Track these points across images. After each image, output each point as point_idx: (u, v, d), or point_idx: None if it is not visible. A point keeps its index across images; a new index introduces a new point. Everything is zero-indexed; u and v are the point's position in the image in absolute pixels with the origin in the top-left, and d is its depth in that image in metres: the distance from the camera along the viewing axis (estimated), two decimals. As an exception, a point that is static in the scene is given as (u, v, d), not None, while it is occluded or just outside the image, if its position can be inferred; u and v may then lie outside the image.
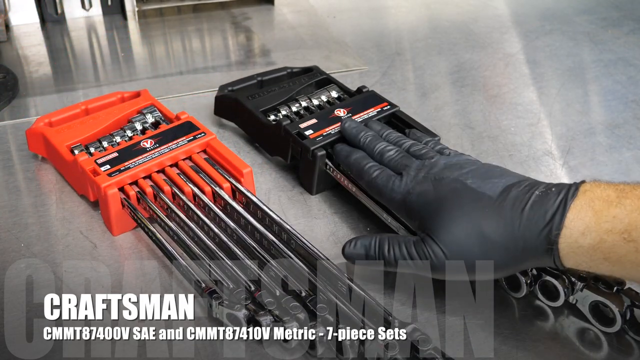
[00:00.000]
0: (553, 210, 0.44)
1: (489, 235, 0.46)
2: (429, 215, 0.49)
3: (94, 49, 1.00)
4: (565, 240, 0.44)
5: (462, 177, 0.50)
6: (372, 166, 0.57)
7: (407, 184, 0.53)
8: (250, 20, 1.08)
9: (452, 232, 0.47)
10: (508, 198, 0.46)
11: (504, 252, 0.46)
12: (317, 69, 0.79)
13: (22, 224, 0.61)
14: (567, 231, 0.43)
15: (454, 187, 0.49)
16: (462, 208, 0.48)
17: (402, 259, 0.49)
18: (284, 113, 0.70)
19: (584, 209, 0.43)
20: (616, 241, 0.42)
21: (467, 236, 0.46)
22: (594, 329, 0.50)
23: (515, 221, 0.45)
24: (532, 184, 0.47)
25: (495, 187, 0.48)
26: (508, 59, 0.96)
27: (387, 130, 0.62)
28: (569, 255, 0.44)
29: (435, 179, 0.51)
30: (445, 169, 0.52)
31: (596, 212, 0.43)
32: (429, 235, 0.48)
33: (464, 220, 0.47)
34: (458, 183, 0.49)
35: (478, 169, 0.51)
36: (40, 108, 0.81)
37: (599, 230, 0.43)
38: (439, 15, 1.12)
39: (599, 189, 0.44)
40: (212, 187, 0.60)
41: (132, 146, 0.62)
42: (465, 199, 0.48)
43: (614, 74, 0.92)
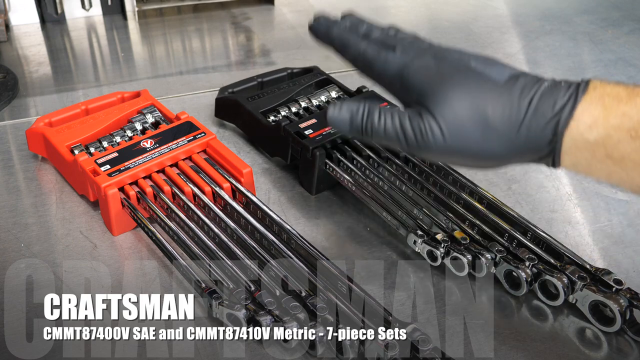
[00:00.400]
0: (563, 102, 0.42)
1: (493, 120, 0.43)
2: (430, 90, 0.45)
3: (94, 49, 1.00)
4: (571, 133, 0.42)
5: (465, 59, 0.46)
6: (361, 41, 0.50)
7: (403, 56, 0.47)
8: (250, 20, 1.08)
9: (455, 111, 0.44)
10: (516, 85, 0.44)
11: (505, 140, 0.43)
12: (317, 70, 0.79)
13: (22, 224, 0.61)
14: (575, 123, 0.42)
15: (457, 66, 0.46)
16: (467, 87, 0.44)
17: (392, 131, 0.45)
18: (284, 114, 0.70)
19: (594, 104, 0.42)
20: (622, 137, 0.41)
21: (469, 118, 0.43)
22: (593, 329, 0.50)
23: (522, 109, 0.43)
24: (539, 77, 0.45)
25: (502, 73, 0.45)
26: (508, 59, 0.96)
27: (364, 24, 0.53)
28: (571, 151, 0.42)
29: (436, 55, 0.47)
30: (445, 50, 0.48)
31: (606, 108, 0.41)
32: (428, 110, 0.44)
33: (468, 100, 0.44)
34: (461, 64, 0.46)
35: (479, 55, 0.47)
36: (40, 108, 0.81)
37: (607, 125, 0.41)
38: (439, 15, 1.12)
39: (609, 87, 0.43)
40: (212, 187, 0.60)
41: (132, 146, 0.62)
42: (471, 79, 0.44)
43: (614, 74, 0.92)
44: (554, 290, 0.51)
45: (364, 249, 0.58)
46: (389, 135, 0.45)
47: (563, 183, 0.68)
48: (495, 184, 0.67)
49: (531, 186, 0.67)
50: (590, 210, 0.63)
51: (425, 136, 0.44)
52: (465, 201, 0.58)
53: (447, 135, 0.43)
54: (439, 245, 0.54)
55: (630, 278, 0.54)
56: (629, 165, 0.41)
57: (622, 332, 0.50)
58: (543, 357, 0.48)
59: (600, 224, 0.62)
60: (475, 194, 0.59)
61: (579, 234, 0.60)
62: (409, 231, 0.56)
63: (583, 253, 0.57)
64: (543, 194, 0.66)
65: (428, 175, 0.62)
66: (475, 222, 0.56)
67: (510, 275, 0.53)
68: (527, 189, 0.67)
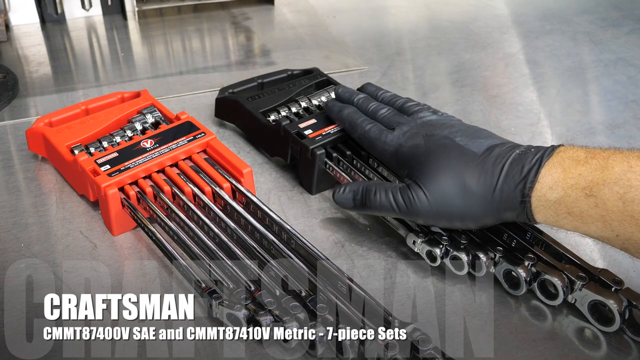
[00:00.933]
0: (529, 166, 0.48)
1: (470, 186, 0.50)
2: (418, 166, 0.53)
3: (94, 49, 1.00)
4: (536, 194, 0.48)
5: (452, 135, 0.54)
6: (365, 120, 0.61)
7: (399, 137, 0.57)
8: (250, 20, 1.08)
9: (438, 181, 0.51)
10: (491, 155, 0.51)
11: (482, 203, 0.50)
12: (317, 71, 0.79)
13: (22, 224, 0.61)
14: (539, 185, 0.48)
15: (443, 142, 0.54)
16: (448, 161, 0.52)
17: (387, 203, 0.53)
18: (284, 114, 0.71)
19: (555, 167, 0.48)
20: (578, 196, 0.46)
21: (450, 186, 0.51)
22: (592, 329, 0.50)
23: (495, 175, 0.50)
24: (515, 145, 0.52)
25: (481, 146, 0.52)
26: (508, 59, 0.96)
27: (381, 91, 0.66)
28: (539, 209, 0.48)
29: (427, 134, 0.55)
30: (437, 127, 0.56)
31: (565, 170, 0.47)
32: (416, 182, 0.52)
33: (449, 171, 0.51)
34: (447, 140, 0.54)
35: (467, 129, 0.55)
36: (40, 108, 0.81)
37: (564, 186, 0.47)
38: (439, 15, 1.12)
39: (571, 150, 0.48)
40: (212, 187, 0.60)
41: (132, 146, 0.62)
42: (453, 154, 0.52)
43: (614, 74, 0.92)
44: (553, 290, 0.51)
45: (364, 249, 0.58)
46: (384, 207, 0.54)
47: (563, 183, 0.68)
48: (495, 184, 0.67)
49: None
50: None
51: (415, 205, 0.52)
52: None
53: (432, 203, 0.51)
54: (438, 245, 0.54)
55: (630, 278, 0.54)
56: (588, 220, 0.47)
57: (621, 331, 0.50)
58: (543, 357, 0.48)
59: (600, 224, 0.61)
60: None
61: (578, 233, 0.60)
62: (408, 231, 0.56)
63: (583, 253, 0.57)
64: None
65: (428, 175, 0.62)
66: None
67: (510, 274, 0.53)
68: (527, 189, 0.67)
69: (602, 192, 0.45)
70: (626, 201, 0.44)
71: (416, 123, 0.58)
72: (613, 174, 0.45)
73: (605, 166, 0.46)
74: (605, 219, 0.46)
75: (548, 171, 0.48)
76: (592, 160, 0.47)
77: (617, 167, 0.45)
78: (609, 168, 0.46)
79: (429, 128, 0.56)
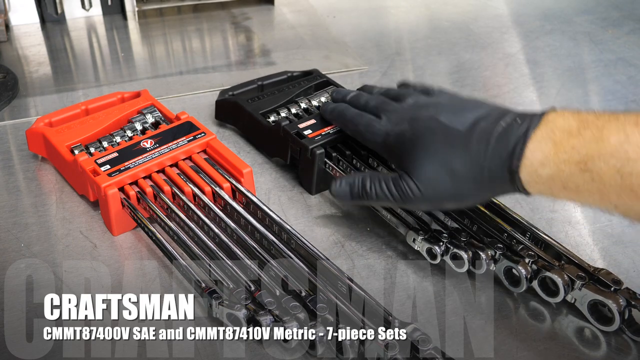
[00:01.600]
0: (515, 141, 0.46)
1: (458, 169, 0.49)
2: (406, 154, 0.52)
3: (94, 49, 1.00)
4: (526, 170, 0.45)
5: (436, 114, 0.52)
6: (356, 114, 0.60)
7: (386, 125, 0.56)
8: (250, 20, 1.08)
9: (425, 170, 0.50)
10: (475, 132, 0.49)
11: (472, 184, 0.48)
12: (316, 72, 0.79)
13: (22, 224, 0.61)
14: (528, 161, 0.45)
15: (428, 125, 0.52)
16: (434, 145, 0.50)
17: (382, 194, 0.53)
18: (284, 115, 0.71)
19: (545, 140, 0.45)
20: (573, 171, 0.43)
21: (438, 172, 0.50)
22: (592, 328, 0.50)
23: (481, 154, 0.47)
24: (501, 115, 0.49)
25: (466, 120, 0.50)
26: (508, 59, 0.96)
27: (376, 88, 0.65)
28: (531, 184, 0.46)
29: (412, 118, 0.54)
30: (422, 108, 0.55)
31: (555, 143, 0.44)
32: (406, 172, 0.52)
33: (435, 158, 0.50)
34: (432, 121, 0.52)
35: (453, 102, 0.54)
36: (40, 108, 0.81)
37: (557, 161, 0.44)
38: (439, 15, 1.12)
39: (561, 119, 0.45)
40: (212, 187, 0.60)
41: (132, 146, 0.62)
42: (437, 136, 0.51)
43: (614, 74, 0.92)
44: (554, 287, 0.51)
45: (363, 249, 0.58)
46: (380, 198, 0.53)
47: (563, 183, 0.68)
48: (495, 184, 0.67)
49: (531, 186, 0.67)
50: (590, 210, 0.63)
51: (407, 194, 0.51)
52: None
53: (423, 191, 0.50)
54: (439, 242, 0.54)
55: (630, 278, 0.54)
56: (585, 194, 0.44)
57: (621, 331, 0.50)
58: (543, 356, 0.48)
59: (600, 223, 0.62)
60: (475, 194, 0.59)
61: (579, 234, 0.60)
62: (408, 229, 0.56)
63: (583, 253, 0.57)
64: (543, 194, 0.66)
65: (428, 175, 0.62)
66: (475, 222, 0.56)
67: (510, 272, 0.53)
68: (527, 189, 0.67)
69: (598, 166, 0.42)
70: (624, 174, 0.41)
71: (403, 108, 0.56)
72: (609, 146, 0.42)
73: (600, 137, 0.43)
74: (603, 192, 0.43)
75: (537, 145, 0.45)
76: (585, 131, 0.43)
77: (613, 138, 0.42)
78: (604, 139, 0.42)
79: (415, 111, 0.55)
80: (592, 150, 0.43)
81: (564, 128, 0.44)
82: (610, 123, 0.43)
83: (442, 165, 0.49)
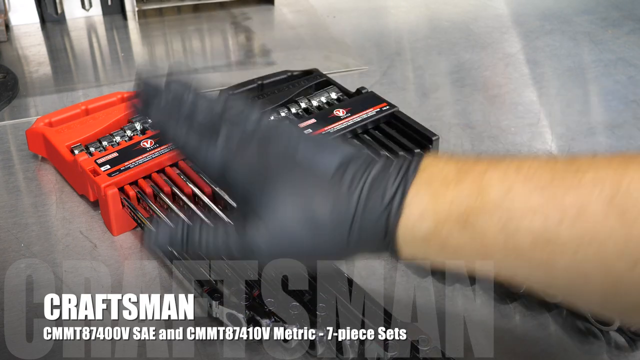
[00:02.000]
0: (392, 191, 0.38)
1: (322, 220, 0.39)
2: (253, 191, 0.41)
3: (94, 49, 1.00)
4: (404, 226, 0.38)
5: (292, 148, 0.41)
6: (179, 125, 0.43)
7: (226, 150, 0.42)
8: (250, 20, 1.08)
9: (280, 214, 0.40)
10: (345, 176, 0.40)
11: (338, 239, 0.39)
12: (317, 72, 0.79)
13: (22, 224, 0.61)
14: (405, 216, 0.38)
15: (283, 160, 0.41)
16: (292, 186, 0.40)
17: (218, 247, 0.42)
18: (283, 114, 0.71)
19: (422, 191, 0.38)
20: (453, 228, 0.37)
21: (296, 220, 0.40)
22: (592, 328, 0.50)
23: (352, 204, 0.39)
24: (369, 158, 0.41)
25: (330, 162, 0.41)
26: (508, 59, 0.96)
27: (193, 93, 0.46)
28: (405, 244, 0.38)
29: (261, 146, 0.42)
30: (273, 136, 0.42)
31: (433, 195, 0.37)
32: (254, 213, 0.41)
33: (294, 200, 0.40)
34: (287, 155, 0.41)
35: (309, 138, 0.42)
36: (40, 108, 0.81)
37: (436, 216, 0.37)
38: (439, 15, 1.12)
39: (440, 165, 0.39)
40: (212, 187, 0.60)
41: (132, 146, 0.62)
42: (296, 174, 0.41)
43: (614, 74, 0.92)
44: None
45: (363, 249, 0.58)
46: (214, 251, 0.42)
47: (563, 183, 0.68)
48: (495, 184, 0.67)
49: (531, 186, 0.67)
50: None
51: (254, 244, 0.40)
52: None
53: (275, 241, 0.40)
54: None
55: (630, 278, 0.54)
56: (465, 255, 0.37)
57: (621, 331, 0.50)
58: (543, 356, 0.48)
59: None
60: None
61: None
62: None
63: (583, 253, 0.57)
64: (543, 194, 0.66)
65: (428, 175, 0.62)
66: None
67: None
68: (527, 189, 0.67)
69: (480, 222, 0.36)
70: (508, 233, 0.35)
71: (246, 129, 0.43)
72: (490, 199, 0.36)
73: (480, 189, 0.36)
74: (485, 252, 0.36)
75: (415, 196, 0.38)
76: (464, 180, 0.37)
77: (494, 190, 0.36)
78: (485, 191, 0.36)
79: (263, 136, 0.42)
80: (472, 203, 0.36)
81: (442, 176, 0.38)
82: (491, 170, 0.37)
83: (302, 210, 0.40)
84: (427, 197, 0.37)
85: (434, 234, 0.37)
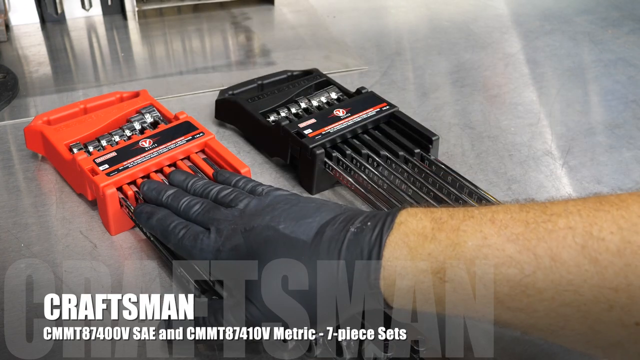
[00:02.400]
0: (369, 248, 0.40)
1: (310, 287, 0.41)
2: (242, 273, 0.44)
3: (94, 49, 1.00)
4: (386, 282, 0.40)
5: (274, 222, 0.45)
6: (178, 224, 0.50)
7: (216, 240, 0.47)
8: (250, 20, 1.08)
9: (267, 288, 0.42)
10: (322, 240, 0.42)
11: (327, 301, 0.42)
12: (317, 72, 0.79)
13: (22, 224, 0.61)
14: (386, 273, 0.39)
15: (266, 235, 0.44)
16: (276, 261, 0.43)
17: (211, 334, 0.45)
18: (283, 114, 0.71)
19: (399, 246, 0.39)
20: (433, 282, 0.38)
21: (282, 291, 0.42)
22: (593, 329, 0.50)
23: (333, 267, 0.41)
24: (349, 218, 0.43)
25: (309, 229, 0.43)
26: (508, 59, 0.96)
27: (191, 180, 0.55)
28: (391, 297, 0.40)
29: (246, 229, 0.45)
30: (256, 215, 0.46)
31: (411, 250, 0.39)
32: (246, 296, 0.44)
33: (279, 275, 0.42)
34: (270, 230, 0.44)
35: (291, 208, 0.46)
36: (40, 108, 0.81)
37: (415, 271, 0.39)
38: (439, 15, 1.12)
39: (414, 220, 0.40)
40: (212, 187, 0.60)
41: (130, 146, 0.62)
42: (279, 249, 0.43)
43: (614, 74, 0.92)
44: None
45: (363, 249, 0.58)
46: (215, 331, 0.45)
47: (563, 183, 0.68)
48: (495, 184, 0.67)
49: (531, 186, 0.67)
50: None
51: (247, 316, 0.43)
52: (464, 201, 0.58)
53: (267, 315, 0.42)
54: None
55: (630, 278, 0.54)
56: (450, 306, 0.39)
57: (622, 332, 0.50)
58: (543, 356, 0.48)
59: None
60: (475, 194, 0.59)
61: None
62: None
63: (583, 253, 0.57)
64: (543, 194, 0.66)
65: (427, 175, 0.62)
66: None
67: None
68: (527, 189, 0.67)
69: (458, 274, 0.37)
70: (486, 284, 0.37)
71: (233, 216, 0.47)
72: (466, 251, 0.37)
73: (456, 242, 0.38)
74: (468, 303, 0.38)
75: (392, 253, 0.39)
76: (440, 234, 0.38)
77: (470, 242, 0.37)
78: (461, 243, 0.37)
79: (248, 219, 0.46)
80: (449, 256, 0.38)
81: (418, 230, 0.39)
82: (466, 222, 0.38)
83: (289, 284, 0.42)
84: (404, 253, 0.39)
85: (416, 288, 0.39)
